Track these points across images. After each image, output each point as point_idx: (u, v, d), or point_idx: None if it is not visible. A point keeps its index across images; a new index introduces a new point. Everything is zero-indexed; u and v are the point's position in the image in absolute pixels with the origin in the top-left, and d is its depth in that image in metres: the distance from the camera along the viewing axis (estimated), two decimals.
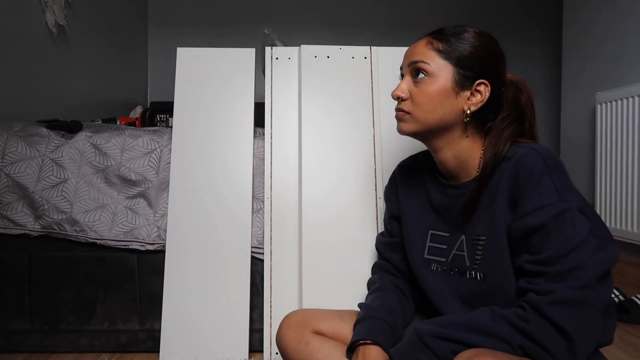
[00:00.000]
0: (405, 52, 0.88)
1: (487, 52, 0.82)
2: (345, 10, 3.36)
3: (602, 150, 2.14)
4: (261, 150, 1.38)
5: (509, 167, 0.78)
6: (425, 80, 0.82)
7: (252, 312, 1.32)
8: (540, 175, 0.74)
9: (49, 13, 1.96)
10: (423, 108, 0.82)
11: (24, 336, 1.36)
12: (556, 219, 0.72)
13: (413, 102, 0.83)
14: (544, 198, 0.73)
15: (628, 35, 2.09)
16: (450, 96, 0.81)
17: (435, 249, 0.90)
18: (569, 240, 0.71)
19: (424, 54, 0.82)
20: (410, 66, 0.84)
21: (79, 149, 1.38)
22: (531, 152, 0.77)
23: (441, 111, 0.81)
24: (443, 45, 0.82)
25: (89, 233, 1.33)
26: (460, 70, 0.81)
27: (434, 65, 0.81)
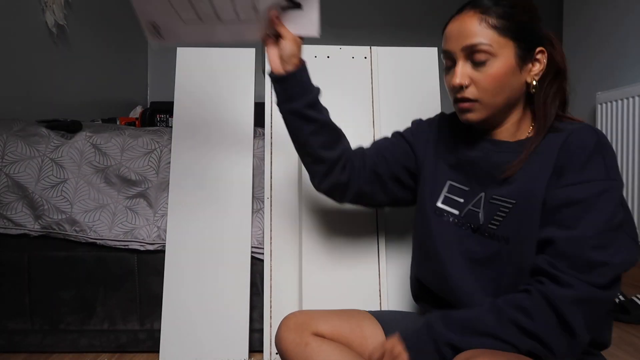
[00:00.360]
0: (449, 31, 0.80)
1: (535, 16, 0.78)
2: (345, 10, 3.36)
3: None
4: (261, 150, 1.38)
5: (560, 139, 0.75)
6: (490, 63, 0.75)
7: (252, 312, 1.32)
8: (594, 149, 0.71)
9: (49, 13, 1.96)
10: (491, 92, 0.76)
11: (24, 336, 1.36)
12: (601, 196, 0.69)
13: (478, 87, 0.77)
14: (593, 172, 0.70)
15: (628, 36, 2.09)
16: (515, 73, 0.77)
17: (451, 200, 0.87)
18: (609, 219, 0.68)
19: (481, 33, 0.75)
20: (465, 50, 0.77)
21: (79, 149, 1.38)
22: (587, 127, 0.74)
23: (509, 90, 0.77)
24: (498, 20, 0.75)
25: (88, 233, 1.33)
26: (521, 44, 0.76)
27: (494, 45, 0.75)
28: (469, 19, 0.77)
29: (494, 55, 0.75)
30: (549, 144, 0.76)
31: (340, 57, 1.38)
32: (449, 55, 0.81)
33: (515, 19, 0.76)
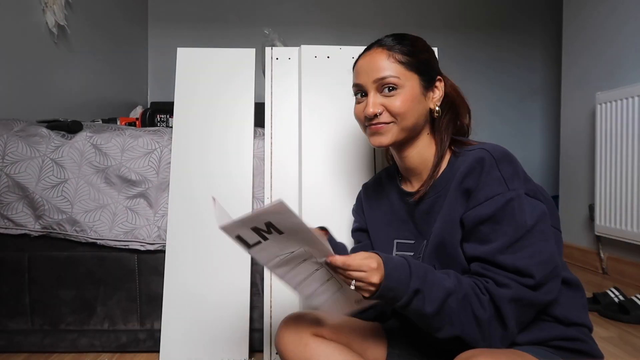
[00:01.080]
0: (359, 67, 0.90)
1: (431, 54, 0.91)
2: (345, 10, 3.36)
3: (602, 150, 2.14)
4: (261, 150, 1.38)
5: (459, 165, 0.83)
6: (398, 92, 0.85)
7: (252, 312, 1.32)
8: (490, 167, 0.78)
9: (49, 13, 1.96)
10: (404, 115, 0.85)
11: (24, 336, 1.36)
12: (505, 207, 0.76)
13: (392, 113, 0.86)
14: (494, 188, 0.77)
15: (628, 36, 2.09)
16: (421, 100, 0.87)
17: None
18: (519, 226, 0.75)
19: (389, 67, 0.85)
20: (375, 82, 0.86)
21: (79, 149, 1.38)
22: (478, 149, 0.82)
23: (416, 115, 0.87)
24: (403, 57, 0.86)
25: (89, 233, 1.33)
26: (423, 76, 0.87)
27: (402, 77, 0.85)
28: (378, 55, 0.87)
29: (402, 86, 0.85)
30: (452, 172, 0.85)
31: (341, 57, 1.38)
32: (360, 88, 0.90)
33: (417, 56, 0.87)
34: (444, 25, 3.40)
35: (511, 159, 0.80)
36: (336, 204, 1.30)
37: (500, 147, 0.82)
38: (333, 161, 1.32)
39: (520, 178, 0.79)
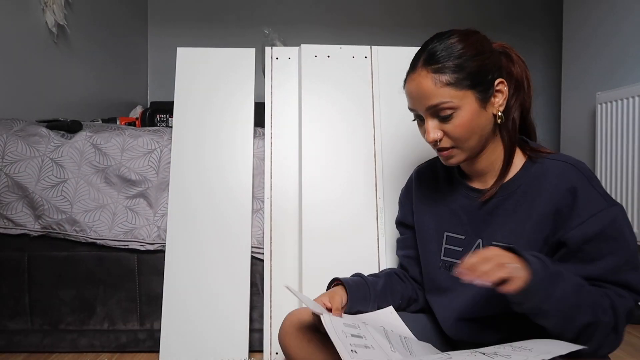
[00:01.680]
0: (411, 92, 0.83)
1: (485, 54, 0.81)
2: (345, 10, 3.36)
3: (602, 150, 2.14)
4: (261, 150, 1.38)
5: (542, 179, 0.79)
6: (454, 115, 0.79)
7: (252, 312, 1.32)
8: (586, 186, 0.76)
9: (49, 13, 1.96)
10: (464, 138, 0.80)
11: (24, 336, 1.36)
12: (612, 223, 0.74)
13: (451, 137, 0.81)
14: (596, 205, 0.75)
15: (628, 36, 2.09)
16: (481, 114, 0.80)
17: (451, 251, 0.91)
18: (629, 241, 0.74)
19: (438, 94, 0.78)
20: (429, 110, 0.80)
21: (79, 149, 1.38)
22: (562, 162, 0.79)
23: (480, 130, 0.81)
24: (450, 75, 0.78)
25: (89, 233, 1.33)
26: (479, 88, 0.79)
27: (455, 100, 0.78)
28: (424, 80, 0.79)
29: (457, 107, 0.78)
30: (531, 181, 0.81)
31: (341, 56, 1.38)
32: (415, 112, 0.85)
33: (467, 69, 0.78)
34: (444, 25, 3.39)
35: (595, 175, 0.78)
36: (337, 203, 1.30)
37: (579, 160, 0.79)
38: (333, 161, 1.32)
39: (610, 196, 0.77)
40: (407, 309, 0.99)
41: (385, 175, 1.31)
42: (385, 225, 1.28)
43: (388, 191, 1.30)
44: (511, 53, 0.86)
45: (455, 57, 0.78)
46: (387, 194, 1.30)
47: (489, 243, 0.84)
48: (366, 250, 1.26)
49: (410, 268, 1.03)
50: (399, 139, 1.33)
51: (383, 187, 1.31)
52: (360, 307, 0.93)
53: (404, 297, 0.99)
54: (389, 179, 1.31)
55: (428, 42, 0.83)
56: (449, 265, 0.91)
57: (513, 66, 0.85)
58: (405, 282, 1.02)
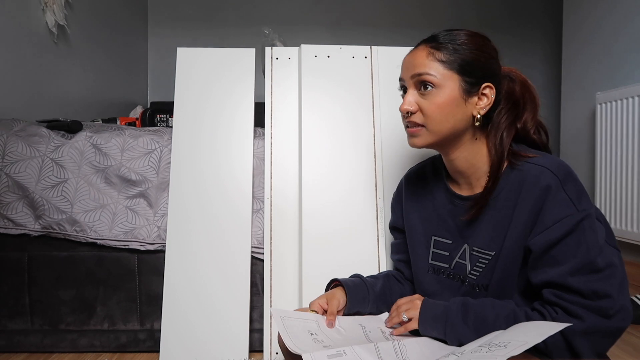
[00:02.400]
0: (403, 62, 0.86)
1: (485, 54, 0.82)
2: (345, 10, 3.36)
3: (602, 150, 2.14)
4: (261, 150, 1.38)
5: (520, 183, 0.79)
6: (433, 92, 0.80)
7: (252, 312, 1.32)
8: (556, 190, 0.75)
9: (49, 13, 1.96)
10: (435, 119, 0.81)
11: (24, 336, 1.36)
12: (575, 228, 0.73)
13: (424, 114, 0.82)
14: (562, 210, 0.74)
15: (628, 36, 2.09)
16: (459, 104, 0.81)
17: (439, 255, 0.92)
18: (592, 246, 0.73)
19: (427, 65, 0.81)
20: (413, 78, 0.82)
21: (79, 149, 1.38)
22: (539, 166, 0.78)
23: (453, 120, 0.81)
24: (444, 54, 0.80)
25: (89, 233, 1.33)
26: (466, 78, 0.80)
27: (439, 76, 0.80)
28: (420, 52, 0.83)
29: (439, 85, 0.80)
30: (511, 188, 0.81)
31: (341, 56, 1.38)
32: (402, 83, 0.87)
33: (462, 55, 0.80)
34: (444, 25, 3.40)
35: (574, 177, 0.77)
36: (337, 203, 1.30)
37: (561, 162, 0.78)
38: (333, 161, 1.32)
39: (587, 197, 0.76)
40: None
41: (385, 175, 1.31)
42: (385, 225, 1.28)
43: (388, 191, 1.30)
44: (514, 76, 0.88)
45: (455, 43, 0.81)
46: (387, 194, 1.30)
47: (472, 250, 0.86)
48: (366, 249, 1.26)
49: (405, 271, 1.04)
50: (399, 139, 1.33)
51: (383, 187, 1.31)
52: (359, 307, 0.94)
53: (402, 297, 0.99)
54: (389, 179, 1.31)
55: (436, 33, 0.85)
56: (437, 269, 0.92)
57: (515, 86, 0.87)
58: (402, 284, 1.03)
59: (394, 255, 1.07)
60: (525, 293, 0.81)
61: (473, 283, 0.85)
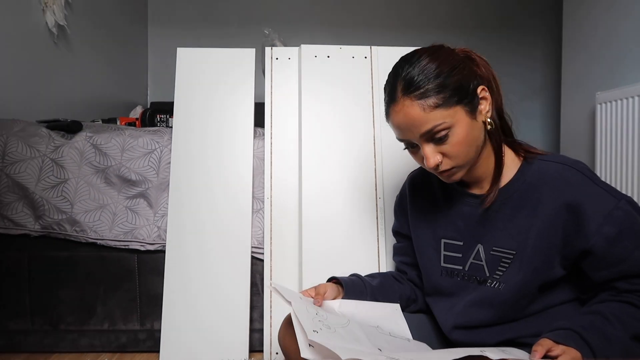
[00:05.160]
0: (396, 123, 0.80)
1: (458, 66, 0.78)
2: (345, 10, 3.36)
3: (602, 150, 2.14)
4: (261, 150, 1.38)
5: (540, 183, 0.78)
6: (449, 134, 0.76)
7: (252, 312, 1.32)
8: (588, 185, 0.75)
9: (49, 13, 1.96)
10: (462, 155, 0.79)
11: (24, 336, 1.36)
12: (629, 218, 0.74)
13: (450, 157, 0.78)
14: (605, 204, 0.74)
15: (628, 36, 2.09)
16: (474, 126, 0.79)
17: (451, 258, 0.90)
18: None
19: (429, 119, 0.75)
20: (424, 136, 0.77)
21: (79, 149, 1.38)
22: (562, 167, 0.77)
23: (475, 142, 0.80)
24: (434, 98, 0.75)
25: (89, 233, 1.33)
26: (465, 101, 0.77)
27: (447, 120, 0.76)
28: (410, 109, 0.76)
29: (451, 126, 0.76)
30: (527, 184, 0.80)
31: (341, 56, 1.38)
32: (405, 142, 0.83)
33: (449, 87, 0.76)
34: (444, 25, 3.40)
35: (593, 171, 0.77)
36: (337, 203, 1.30)
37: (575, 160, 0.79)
38: (333, 160, 1.32)
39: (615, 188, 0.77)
40: (406, 309, 1.00)
41: (385, 175, 1.31)
42: (385, 225, 1.28)
43: (388, 191, 1.30)
44: (473, 56, 0.84)
45: (434, 78, 0.76)
46: (387, 194, 1.30)
47: (490, 249, 0.83)
48: (366, 250, 1.26)
49: (408, 272, 1.03)
50: None
51: (383, 187, 1.31)
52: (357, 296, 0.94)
53: (402, 296, 0.99)
54: (389, 179, 1.31)
55: (399, 69, 0.80)
56: (450, 271, 0.90)
57: (478, 68, 0.82)
58: (402, 283, 1.02)
59: (396, 257, 1.06)
60: (543, 288, 0.80)
61: (496, 282, 0.83)
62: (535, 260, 0.79)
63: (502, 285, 0.82)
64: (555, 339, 0.70)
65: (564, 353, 0.68)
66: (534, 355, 0.68)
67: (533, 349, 0.69)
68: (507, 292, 0.81)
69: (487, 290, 0.84)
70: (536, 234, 0.78)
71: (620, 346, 0.71)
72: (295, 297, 0.85)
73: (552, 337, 0.71)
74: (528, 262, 0.79)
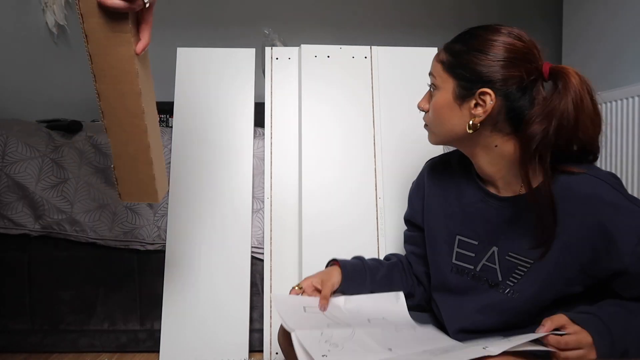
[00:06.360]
0: None
1: (487, 55, 0.74)
2: (345, 10, 3.36)
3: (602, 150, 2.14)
4: (261, 150, 1.38)
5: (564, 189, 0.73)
6: (435, 93, 0.81)
7: (252, 312, 1.32)
8: (621, 204, 0.71)
9: (49, 13, 1.96)
10: (433, 121, 0.82)
11: (24, 336, 1.36)
12: None
13: (429, 114, 0.83)
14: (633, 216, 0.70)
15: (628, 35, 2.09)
16: (453, 108, 0.78)
17: (463, 256, 0.87)
18: None
19: (433, 65, 0.82)
20: (429, 78, 0.84)
21: (79, 149, 1.38)
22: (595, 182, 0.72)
23: (449, 123, 0.79)
24: (446, 55, 0.79)
25: (89, 233, 1.33)
26: (461, 83, 0.76)
27: (439, 78, 0.80)
28: (439, 52, 0.83)
29: (438, 87, 0.80)
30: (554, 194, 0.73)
31: (341, 56, 1.38)
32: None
33: (462, 58, 0.76)
34: (444, 25, 3.40)
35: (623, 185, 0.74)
36: (337, 203, 1.30)
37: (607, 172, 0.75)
38: (333, 160, 1.32)
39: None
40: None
41: (385, 175, 1.31)
42: (385, 226, 1.28)
43: (388, 191, 1.30)
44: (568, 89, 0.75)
45: (461, 44, 0.79)
46: (387, 194, 1.30)
47: (506, 254, 0.80)
48: (366, 250, 1.26)
49: (414, 265, 1.01)
50: (399, 138, 1.33)
51: (383, 187, 1.31)
52: (355, 292, 0.92)
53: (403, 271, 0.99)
54: (389, 179, 1.31)
55: None
56: (460, 269, 0.88)
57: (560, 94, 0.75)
58: (406, 277, 1.00)
59: (407, 245, 1.04)
60: (558, 302, 0.77)
61: (509, 290, 0.80)
62: (555, 274, 0.75)
63: (517, 295, 0.79)
64: (573, 318, 0.67)
65: (575, 333, 0.65)
66: (540, 328, 0.66)
67: (542, 322, 0.67)
68: (521, 302, 0.79)
69: (499, 297, 0.81)
70: (560, 247, 0.74)
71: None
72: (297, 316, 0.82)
73: (570, 316, 0.68)
74: (546, 275, 0.76)
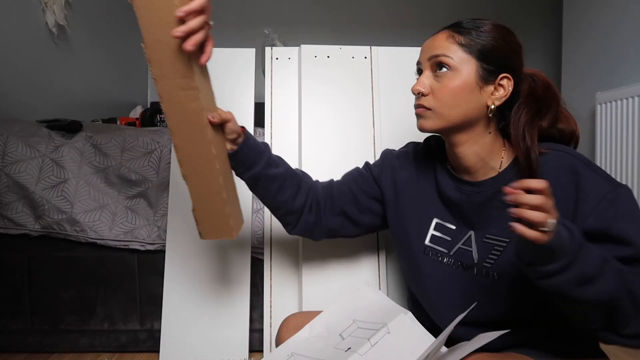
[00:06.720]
0: (423, 45, 0.84)
1: (507, 45, 0.79)
2: (345, 10, 3.36)
3: (602, 150, 2.14)
4: None
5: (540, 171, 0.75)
6: (448, 74, 0.78)
7: (252, 312, 1.32)
8: (584, 172, 0.73)
9: (49, 13, 1.96)
10: (446, 103, 0.78)
11: (24, 336, 1.36)
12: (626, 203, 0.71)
13: (435, 97, 0.79)
14: (602, 188, 0.72)
15: (628, 36, 2.09)
16: (474, 91, 0.78)
17: (439, 239, 0.88)
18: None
19: (446, 47, 0.79)
20: (430, 60, 0.80)
21: (79, 149, 1.38)
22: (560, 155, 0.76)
23: (465, 106, 0.78)
24: (465, 38, 0.78)
25: (89, 233, 1.33)
26: (484, 64, 0.77)
27: (456, 58, 0.78)
28: (441, 35, 0.81)
29: (455, 69, 0.78)
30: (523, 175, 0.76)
31: (341, 56, 1.38)
32: (418, 66, 0.85)
33: (483, 42, 0.78)
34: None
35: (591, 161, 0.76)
36: None
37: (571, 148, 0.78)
38: (333, 161, 1.32)
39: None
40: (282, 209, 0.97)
41: None
42: None
43: None
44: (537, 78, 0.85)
45: (478, 30, 0.79)
46: None
47: (483, 236, 0.82)
48: (365, 249, 1.26)
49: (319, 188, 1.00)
50: (399, 138, 1.33)
51: None
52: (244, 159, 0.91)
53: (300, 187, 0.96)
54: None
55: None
56: (434, 252, 0.88)
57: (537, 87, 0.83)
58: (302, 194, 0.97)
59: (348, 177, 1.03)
60: None
61: (487, 271, 0.81)
62: None
63: (497, 276, 0.80)
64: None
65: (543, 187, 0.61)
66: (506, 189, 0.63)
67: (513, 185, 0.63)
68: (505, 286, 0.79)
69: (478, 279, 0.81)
70: None
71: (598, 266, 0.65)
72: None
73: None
74: None
